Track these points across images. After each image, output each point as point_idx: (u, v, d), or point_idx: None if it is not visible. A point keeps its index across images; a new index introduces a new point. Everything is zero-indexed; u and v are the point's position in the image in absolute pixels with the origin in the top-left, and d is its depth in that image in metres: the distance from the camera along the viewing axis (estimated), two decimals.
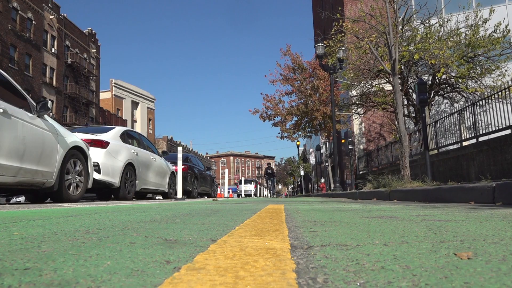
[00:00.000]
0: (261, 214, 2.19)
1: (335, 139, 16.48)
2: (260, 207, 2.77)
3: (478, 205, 3.01)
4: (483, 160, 8.57)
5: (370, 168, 18.56)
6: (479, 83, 12.44)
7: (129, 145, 7.95)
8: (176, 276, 0.71)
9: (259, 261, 0.82)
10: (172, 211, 2.63)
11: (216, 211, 2.46)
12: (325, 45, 13.67)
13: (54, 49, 37.56)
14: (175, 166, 9.27)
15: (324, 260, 0.85)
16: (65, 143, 5.16)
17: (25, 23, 33.47)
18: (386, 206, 2.82)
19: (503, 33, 12.29)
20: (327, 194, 12.12)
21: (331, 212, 2.29)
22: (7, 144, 4.14)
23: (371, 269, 0.76)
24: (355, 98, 15.47)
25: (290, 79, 22.77)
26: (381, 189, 6.74)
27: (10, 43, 31.16)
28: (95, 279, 0.71)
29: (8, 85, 4.58)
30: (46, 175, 4.79)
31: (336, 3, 23.16)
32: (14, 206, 4.35)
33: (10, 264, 0.83)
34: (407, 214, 2.07)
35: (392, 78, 8.64)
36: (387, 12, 7.97)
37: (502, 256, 0.87)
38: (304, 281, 0.68)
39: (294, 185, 54.91)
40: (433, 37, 12.04)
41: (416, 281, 0.67)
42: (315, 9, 33.53)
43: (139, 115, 59.10)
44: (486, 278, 0.68)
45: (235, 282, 0.67)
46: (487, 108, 8.96)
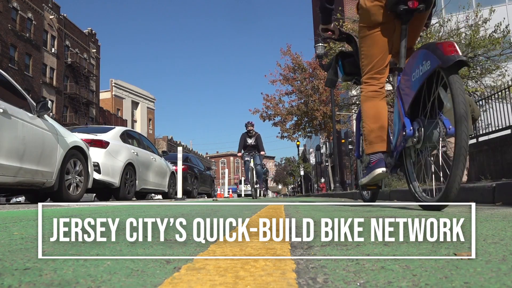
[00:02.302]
0: (261, 214, 2.20)
1: (335, 139, 16.48)
2: (260, 207, 2.78)
3: (478, 205, 3.02)
4: (483, 160, 8.57)
5: None
6: (479, 83, 12.44)
7: (129, 145, 7.95)
8: (176, 276, 0.71)
9: (259, 261, 0.82)
10: (172, 211, 2.64)
11: (216, 211, 2.47)
12: (325, 45, 13.67)
13: (54, 49, 37.56)
14: (175, 166, 9.28)
15: (324, 260, 0.85)
16: (65, 143, 5.16)
17: (25, 23, 33.47)
18: (386, 206, 2.83)
19: (503, 33, 12.29)
20: (327, 194, 12.13)
21: (331, 212, 2.29)
22: (7, 144, 4.14)
23: (371, 269, 0.76)
24: (355, 98, 15.46)
25: (290, 79, 22.79)
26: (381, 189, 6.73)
27: (10, 43, 31.16)
28: (95, 279, 0.71)
29: (8, 85, 4.58)
30: (46, 175, 4.79)
31: (336, 3, 23.14)
32: (14, 206, 4.35)
33: (10, 264, 0.83)
34: (407, 214, 2.07)
35: (392, 78, 8.62)
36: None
37: (502, 256, 0.87)
38: (304, 281, 0.68)
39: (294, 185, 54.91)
40: (433, 37, 12.04)
41: (416, 281, 0.67)
42: (315, 9, 33.53)
43: (139, 115, 59.10)
44: (486, 278, 0.68)
45: (235, 282, 0.67)
46: (487, 108, 8.96)
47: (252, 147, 10.91)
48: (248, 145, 10.94)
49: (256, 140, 10.90)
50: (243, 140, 10.99)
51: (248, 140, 10.99)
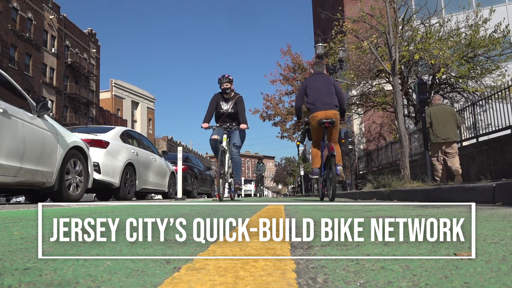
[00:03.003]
0: (261, 214, 2.20)
1: None
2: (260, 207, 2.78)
3: (478, 205, 3.02)
4: (483, 160, 8.57)
5: (370, 168, 18.55)
6: (479, 83, 12.44)
7: (129, 145, 7.95)
8: (176, 276, 0.71)
9: (259, 261, 0.82)
10: (172, 211, 2.64)
11: (216, 211, 2.47)
12: (325, 46, 13.68)
13: (54, 49, 37.55)
14: (175, 166, 9.28)
15: (324, 260, 0.85)
16: (65, 143, 5.16)
17: (25, 23, 33.46)
18: (386, 206, 2.83)
19: (503, 33, 12.28)
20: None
21: (331, 212, 2.29)
22: (7, 144, 4.14)
23: (371, 269, 0.76)
24: (355, 98, 15.46)
25: (290, 79, 22.79)
26: (381, 189, 6.74)
27: (10, 43, 31.15)
28: (95, 279, 0.71)
29: (8, 85, 4.58)
30: (46, 175, 4.79)
31: (336, 3, 23.15)
32: (14, 206, 4.35)
33: (10, 264, 0.83)
34: (407, 214, 2.07)
35: (392, 78, 8.64)
36: (387, 12, 7.98)
37: (502, 256, 0.87)
38: (304, 281, 0.68)
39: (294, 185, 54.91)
40: (433, 37, 12.04)
41: (416, 281, 0.67)
42: (315, 9, 33.52)
43: (139, 115, 59.10)
44: (486, 278, 0.68)
45: (235, 282, 0.67)
46: (487, 108, 8.96)
47: (228, 117, 6.75)
48: (222, 113, 6.76)
49: (235, 106, 6.73)
50: (215, 104, 6.79)
51: (223, 106, 6.75)
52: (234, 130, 6.70)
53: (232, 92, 6.82)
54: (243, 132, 6.79)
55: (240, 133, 6.74)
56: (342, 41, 13.36)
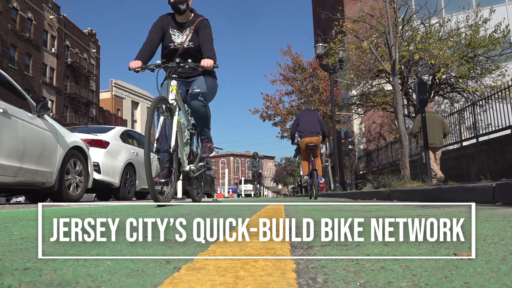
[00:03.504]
0: (261, 214, 2.20)
1: (335, 139, 16.47)
2: (260, 207, 2.78)
3: (478, 205, 3.02)
4: (483, 160, 8.57)
5: (370, 168, 18.56)
6: (479, 83, 12.44)
7: (129, 145, 7.95)
8: (176, 276, 0.71)
9: (259, 261, 0.82)
10: (172, 211, 2.64)
11: (216, 211, 2.47)
12: (325, 46, 13.68)
13: (54, 49, 37.56)
14: None
15: (324, 260, 0.85)
16: (65, 143, 5.16)
17: (25, 23, 33.47)
18: (386, 206, 2.83)
19: (503, 33, 12.28)
20: (327, 194, 12.12)
21: (331, 212, 2.29)
22: (7, 144, 4.14)
23: (371, 269, 0.76)
24: (355, 98, 15.46)
25: (290, 79, 22.79)
26: (381, 189, 6.74)
27: (10, 43, 31.16)
28: (95, 279, 0.71)
29: (8, 85, 4.59)
30: (46, 175, 4.79)
31: (336, 3, 23.16)
32: (14, 206, 4.35)
33: (10, 264, 0.83)
34: (407, 214, 2.07)
35: (392, 78, 8.63)
36: (387, 12, 7.97)
37: (502, 256, 0.87)
38: (304, 281, 0.68)
39: (294, 185, 54.90)
40: (433, 37, 12.04)
41: (416, 281, 0.67)
42: (315, 9, 33.52)
43: (139, 115, 59.09)
44: (486, 278, 0.68)
45: (235, 282, 0.67)
46: (487, 108, 8.97)
47: (186, 56, 3.86)
48: (172, 49, 3.97)
49: (196, 36, 3.91)
50: (160, 32, 3.96)
51: (174, 36, 3.94)
52: (195, 76, 4.00)
53: (190, 13, 3.96)
54: (209, 76, 4.02)
55: (205, 77, 3.98)
56: (342, 41, 13.35)
